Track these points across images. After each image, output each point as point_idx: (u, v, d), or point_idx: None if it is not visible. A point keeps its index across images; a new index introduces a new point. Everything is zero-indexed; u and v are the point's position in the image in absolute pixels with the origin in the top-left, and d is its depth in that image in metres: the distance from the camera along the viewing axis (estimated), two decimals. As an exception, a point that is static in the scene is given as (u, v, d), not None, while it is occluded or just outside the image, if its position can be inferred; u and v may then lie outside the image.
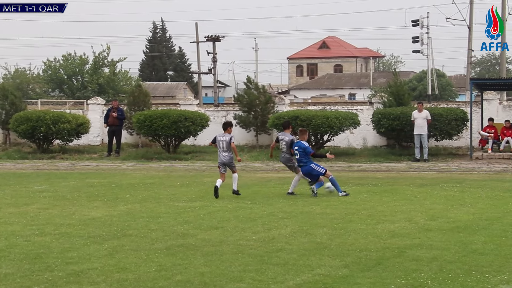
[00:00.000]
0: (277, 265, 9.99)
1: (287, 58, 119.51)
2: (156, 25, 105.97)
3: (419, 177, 22.17)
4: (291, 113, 30.17)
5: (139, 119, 31.21)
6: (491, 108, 32.00)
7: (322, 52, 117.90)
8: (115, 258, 10.58)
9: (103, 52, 74.33)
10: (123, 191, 19.15)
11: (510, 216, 14.06)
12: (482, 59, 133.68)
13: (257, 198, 17.28)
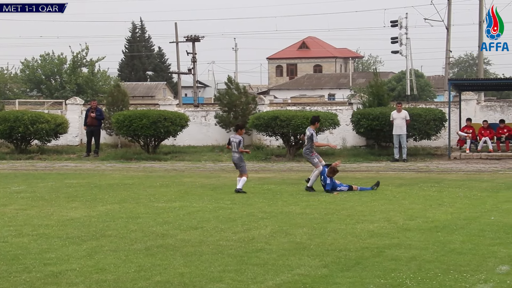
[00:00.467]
0: (256, 265, 9.99)
1: (266, 58, 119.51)
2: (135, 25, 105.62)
3: (398, 177, 22.26)
4: (271, 113, 30.19)
5: (118, 119, 31.08)
6: (469, 109, 32.20)
7: (302, 53, 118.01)
8: (94, 259, 10.54)
9: (81, 52, 74.02)
10: (102, 191, 19.07)
11: (487, 215, 14.15)
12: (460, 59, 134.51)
13: (236, 199, 17.27)
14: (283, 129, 29.31)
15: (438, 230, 12.57)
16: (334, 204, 16.02)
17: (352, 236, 12.12)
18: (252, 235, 12.28)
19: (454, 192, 18.05)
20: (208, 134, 34.84)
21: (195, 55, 70.73)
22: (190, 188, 19.64)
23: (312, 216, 14.31)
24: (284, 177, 22.72)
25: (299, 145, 30.15)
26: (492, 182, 20.31)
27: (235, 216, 14.52)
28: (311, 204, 16.17)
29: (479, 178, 21.55)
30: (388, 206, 15.61)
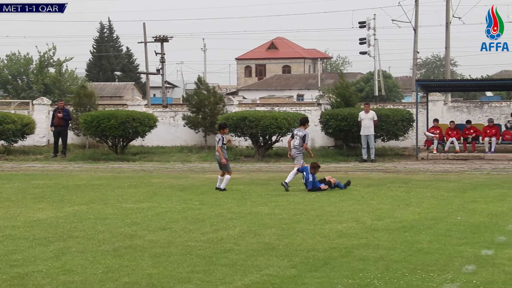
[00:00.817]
0: (225, 265, 9.98)
1: (235, 59, 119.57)
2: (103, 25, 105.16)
3: (366, 178, 22.36)
4: (240, 114, 30.20)
5: (86, 120, 30.91)
6: (436, 109, 32.48)
7: (271, 53, 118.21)
8: (61, 260, 10.46)
9: (48, 51, 73.48)
10: (69, 192, 18.94)
11: (454, 215, 14.26)
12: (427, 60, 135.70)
13: (205, 199, 17.25)
14: (252, 130, 29.31)
15: (406, 230, 12.65)
16: (303, 205, 16.06)
17: (320, 236, 12.15)
18: (221, 236, 12.27)
19: (421, 192, 18.17)
20: (177, 134, 34.78)
21: (163, 55, 70.48)
22: (159, 189, 19.57)
23: (281, 217, 14.33)
24: (253, 177, 22.73)
25: (268, 146, 30.21)
26: (458, 182, 20.48)
27: (203, 216, 14.50)
28: (280, 204, 16.19)
29: (446, 178, 21.73)
30: (356, 207, 15.69)
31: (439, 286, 8.77)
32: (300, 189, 19.06)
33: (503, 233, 12.22)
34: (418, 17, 54.02)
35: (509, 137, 29.30)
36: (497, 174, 23.01)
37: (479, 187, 19.05)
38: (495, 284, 8.85)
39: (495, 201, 16.20)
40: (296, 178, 19.41)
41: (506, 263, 9.94)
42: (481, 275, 9.29)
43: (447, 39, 50.98)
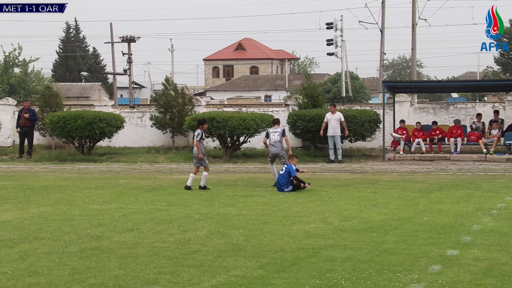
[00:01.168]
0: (192, 266, 9.97)
1: (203, 59, 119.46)
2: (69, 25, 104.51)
3: (333, 178, 22.44)
4: (208, 114, 30.14)
5: (52, 120, 30.68)
6: (402, 110, 32.70)
7: (238, 54, 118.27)
8: (27, 261, 10.37)
9: (14, 51, 72.85)
10: (35, 193, 18.78)
11: (420, 216, 14.36)
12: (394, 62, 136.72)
13: (173, 200, 17.20)
14: (219, 130, 29.27)
15: (373, 230, 12.72)
16: (271, 206, 16.08)
17: (288, 237, 12.18)
18: (188, 237, 12.25)
19: (388, 193, 18.28)
20: (144, 135, 34.64)
21: (130, 55, 70.18)
22: (126, 190, 19.48)
23: (249, 218, 14.33)
24: (221, 178, 22.71)
25: (235, 147, 30.21)
26: (425, 183, 20.63)
27: (171, 217, 14.46)
28: (247, 205, 16.20)
29: (413, 179, 21.87)
30: (323, 207, 15.74)
31: (405, 286, 8.83)
32: (268, 190, 19.09)
33: (468, 233, 12.33)
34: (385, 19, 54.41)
35: (474, 138, 29.57)
36: (462, 174, 23.22)
37: (445, 188, 19.21)
38: (461, 284, 8.93)
39: (460, 202, 16.34)
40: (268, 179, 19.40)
41: (471, 263, 10.04)
42: (447, 275, 9.37)
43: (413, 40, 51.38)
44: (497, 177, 22.33)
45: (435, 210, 15.13)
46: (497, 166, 25.84)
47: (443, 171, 24.37)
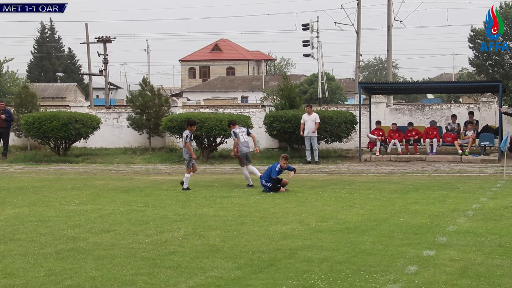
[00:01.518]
0: (169, 268, 9.95)
1: (179, 60, 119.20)
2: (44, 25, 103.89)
3: (310, 179, 22.49)
4: (184, 115, 30.09)
5: (28, 121, 30.51)
6: (378, 112, 32.84)
7: (215, 55, 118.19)
8: (2, 263, 10.30)
9: (-12, 52, 72.39)
10: (10, 194, 18.65)
11: (397, 216, 14.43)
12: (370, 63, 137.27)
13: (149, 201, 17.15)
14: (196, 132, 29.22)
15: (349, 231, 12.76)
16: (248, 207, 16.08)
17: (265, 238, 12.18)
18: (165, 238, 12.22)
19: (364, 193, 18.35)
20: (121, 136, 34.51)
21: (106, 56, 69.86)
22: (102, 191, 19.40)
23: (226, 219, 14.33)
24: (198, 179, 22.66)
25: (212, 148, 30.18)
26: (401, 184, 20.73)
27: (148, 218, 14.42)
28: (224, 206, 16.19)
29: (389, 180, 21.97)
30: (300, 208, 15.76)
31: (382, 287, 8.88)
32: (245, 191, 19.09)
33: (444, 234, 12.41)
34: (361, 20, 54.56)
35: (449, 139, 29.75)
36: (438, 175, 23.36)
37: (421, 189, 19.31)
38: (437, 284, 8.99)
39: (436, 203, 16.44)
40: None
41: (447, 264, 10.11)
42: (423, 276, 9.43)
43: (389, 42, 51.65)
44: (472, 178, 22.49)
45: (411, 211, 15.21)
46: (472, 167, 26.02)
47: (419, 172, 24.50)
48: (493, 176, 23.09)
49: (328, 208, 15.69)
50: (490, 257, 10.51)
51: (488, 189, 19.19)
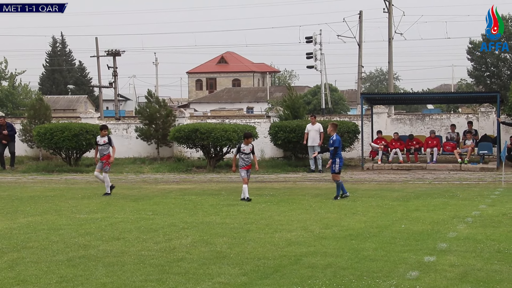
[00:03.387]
0: (178, 274, 9.95)
1: (186, 72, 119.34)
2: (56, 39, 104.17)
3: (314, 187, 22.48)
4: (191, 126, 30.13)
5: (40, 132, 30.59)
6: (380, 121, 32.84)
7: (221, 67, 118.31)
8: (15, 270, 10.30)
9: (0, 65, 72.56)
10: (23, 204, 18.68)
11: (398, 223, 14.41)
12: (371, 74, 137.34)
13: (158, 209, 17.16)
14: (203, 141, 29.27)
15: (352, 238, 12.74)
16: (253, 214, 16.08)
17: (270, 244, 12.17)
18: (174, 245, 12.22)
19: (367, 201, 18.33)
20: (130, 146, 34.57)
21: (116, 69, 70.05)
22: (112, 200, 19.42)
23: (232, 226, 14.32)
24: (205, 188, 22.69)
25: (218, 157, 30.19)
26: (402, 191, 20.71)
27: (156, 226, 14.42)
28: (231, 214, 16.18)
29: (391, 188, 21.95)
30: (305, 216, 15.75)
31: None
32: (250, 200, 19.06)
33: (445, 240, 12.39)
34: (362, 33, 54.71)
35: (449, 148, 29.74)
36: (438, 183, 23.33)
37: (422, 196, 19.29)
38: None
39: (437, 210, 16.42)
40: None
41: (447, 269, 10.09)
42: (424, 281, 9.41)
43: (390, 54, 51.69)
44: (471, 185, 22.46)
45: (412, 218, 15.19)
46: (472, 175, 25.99)
47: (419, 180, 24.48)
48: (492, 184, 23.05)
49: (331, 216, 15.67)
50: (489, 263, 10.49)
51: (487, 196, 19.16)
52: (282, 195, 19.97)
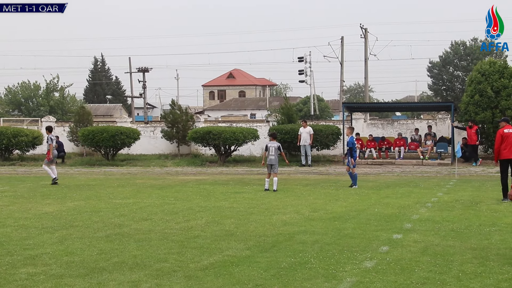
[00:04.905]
0: (194, 248, 9.93)
1: (202, 85, 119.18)
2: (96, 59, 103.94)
3: (304, 179, 22.45)
4: (205, 128, 30.13)
5: (84, 133, 30.65)
6: (358, 125, 32.79)
7: (229, 81, 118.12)
8: (64, 244, 10.31)
9: (53, 79, 72.68)
10: (70, 191, 18.68)
11: (372, 208, 14.40)
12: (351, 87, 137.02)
13: (178, 196, 17.15)
14: (215, 141, 29.28)
15: (335, 219, 12.72)
16: (255, 200, 16.06)
17: (269, 225, 12.16)
18: (191, 225, 12.21)
19: (347, 190, 18.31)
20: (156, 145, 34.57)
21: (145, 82, 70.00)
22: (141, 188, 19.41)
23: (238, 210, 14.31)
24: (216, 178, 22.67)
25: (228, 154, 30.16)
26: (375, 182, 20.69)
27: (177, 209, 14.41)
28: (237, 200, 16.17)
29: (366, 179, 21.93)
30: (297, 201, 15.73)
31: (361, 263, 8.85)
32: (254, 188, 19.03)
33: (410, 222, 12.37)
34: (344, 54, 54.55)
35: (413, 147, 29.72)
36: (404, 175, 23.30)
37: (391, 186, 19.27)
38: (403, 261, 8.96)
39: (403, 197, 16.40)
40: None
41: (411, 245, 10.07)
42: (393, 254, 9.40)
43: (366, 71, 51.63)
44: (431, 177, 22.43)
45: (383, 203, 15.17)
46: (431, 169, 25.95)
47: (389, 173, 24.45)
48: (447, 176, 23.02)
49: (318, 201, 15.66)
50: (445, 239, 10.47)
51: (443, 186, 19.14)
52: (278, 185, 19.94)
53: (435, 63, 74.24)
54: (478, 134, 27.97)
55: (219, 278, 8.03)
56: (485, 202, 15.20)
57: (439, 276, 8.04)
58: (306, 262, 8.92)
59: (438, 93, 73.96)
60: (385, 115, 78.61)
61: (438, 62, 74.08)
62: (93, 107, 76.74)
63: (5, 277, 8.14)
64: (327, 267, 8.54)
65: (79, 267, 8.74)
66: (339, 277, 8.03)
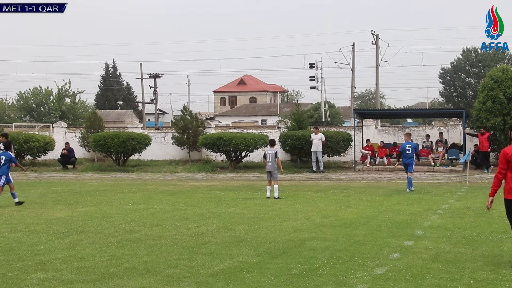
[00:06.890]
0: (205, 254, 9.94)
1: (213, 91, 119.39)
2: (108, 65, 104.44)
3: (315, 185, 22.42)
4: (216, 134, 30.17)
5: (95, 139, 30.75)
6: (369, 132, 32.73)
7: (240, 87, 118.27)
8: (75, 250, 10.35)
9: (65, 85, 73.09)
10: (81, 196, 18.76)
11: (383, 214, 14.36)
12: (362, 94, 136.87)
13: (189, 202, 17.17)
14: (226, 147, 29.31)
15: (346, 226, 12.70)
16: (266, 206, 16.05)
17: (279, 231, 12.15)
18: (202, 231, 12.22)
19: (358, 196, 18.27)
20: (167, 151, 34.65)
21: (156, 88, 70.24)
22: (152, 194, 19.46)
23: (249, 216, 14.31)
24: (227, 184, 22.69)
25: (238, 160, 30.18)
26: (387, 188, 20.63)
27: (188, 215, 14.43)
28: (248, 206, 16.17)
29: (377, 185, 21.87)
30: (308, 208, 15.72)
31: (371, 270, 8.83)
32: (264, 194, 18.99)
33: (421, 228, 12.33)
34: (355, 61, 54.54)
35: (425, 154, 29.60)
36: (415, 182, 23.20)
37: (402, 192, 19.21)
38: (414, 268, 8.93)
39: (414, 203, 16.34)
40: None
41: (422, 252, 10.04)
42: (404, 261, 9.37)
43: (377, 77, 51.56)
44: (442, 184, 22.34)
45: (394, 210, 15.13)
46: (442, 176, 25.85)
47: (400, 180, 24.37)
48: (459, 183, 22.92)
49: (329, 208, 15.63)
50: (456, 247, 10.43)
51: (455, 193, 19.06)
52: (289, 191, 19.94)
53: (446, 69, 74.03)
54: (490, 141, 27.85)
55: (230, 284, 8.03)
56: (496, 209, 15.09)
57: (450, 283, 8.01)
58: (316, 269, 8.91)
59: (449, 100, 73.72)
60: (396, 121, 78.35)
61: (449, 69, 73.86)
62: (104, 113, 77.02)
63: (16, 283, 8.18)
64: (337, 274, 8.52)
65: (90, 272, 8.77)
66: (350, 284, 8.02)
